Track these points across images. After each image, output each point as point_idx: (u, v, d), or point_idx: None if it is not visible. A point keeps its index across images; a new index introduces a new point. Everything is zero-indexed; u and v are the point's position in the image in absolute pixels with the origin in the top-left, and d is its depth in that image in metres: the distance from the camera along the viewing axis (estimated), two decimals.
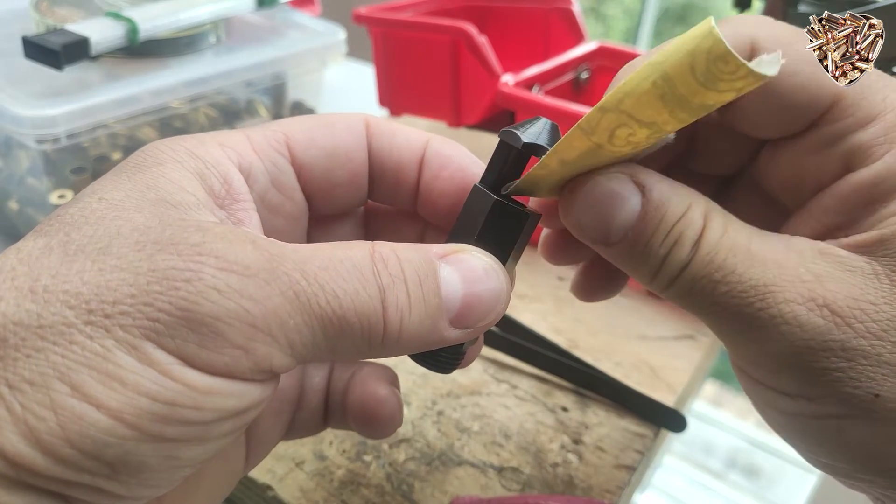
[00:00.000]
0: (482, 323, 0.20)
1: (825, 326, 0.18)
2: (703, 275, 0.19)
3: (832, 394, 0.18)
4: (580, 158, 0.19)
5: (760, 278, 0.18)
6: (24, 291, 0.15)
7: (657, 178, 0.20)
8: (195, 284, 0.16)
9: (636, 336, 0.43)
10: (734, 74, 0.14)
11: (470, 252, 0.20)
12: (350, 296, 0.17)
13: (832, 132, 0.20)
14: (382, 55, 0.60)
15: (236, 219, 0.20)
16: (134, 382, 0.15)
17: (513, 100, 0.46)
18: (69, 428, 0.14)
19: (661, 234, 0.19)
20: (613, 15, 2.25)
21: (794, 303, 0.18)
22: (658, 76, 0.15)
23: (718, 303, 0.19)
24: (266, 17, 0.60)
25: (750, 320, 0.19)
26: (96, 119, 0.43)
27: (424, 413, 0.36)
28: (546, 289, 0.47)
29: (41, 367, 0.15)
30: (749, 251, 0.19)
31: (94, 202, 0.17)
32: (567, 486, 0.33)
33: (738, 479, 1.45)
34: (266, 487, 0.32)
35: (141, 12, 0.47)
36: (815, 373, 0.18)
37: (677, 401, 0.38)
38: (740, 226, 0.20)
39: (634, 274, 0.21)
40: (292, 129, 0.22)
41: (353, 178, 0.23)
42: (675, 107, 0.16)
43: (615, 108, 0.17)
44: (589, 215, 0.20)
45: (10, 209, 0.48)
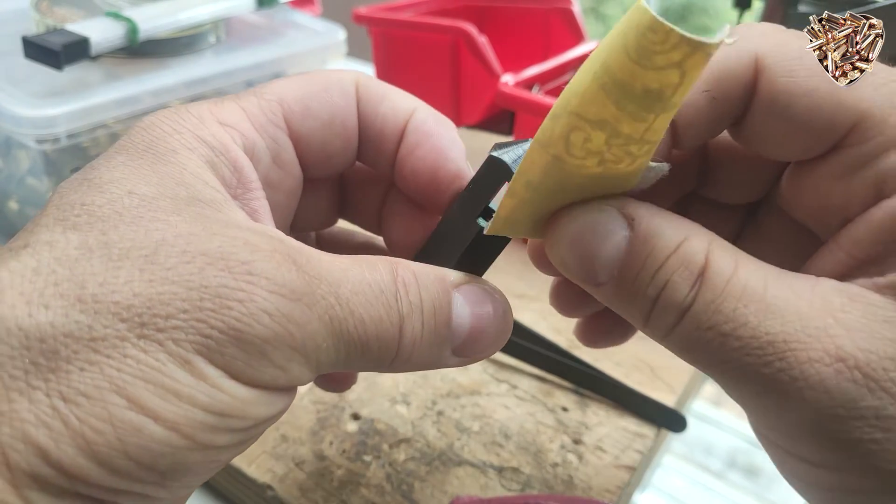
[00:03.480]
0: (481, 355, 0.20)
1: (856, 391, 0.15)
2: (709, 326, 0.17)
3: (863, 467, 0.16)
4: (545, 178, 0.17)
5: (779, 332, 0.16)
6: (71, 300, 0.15)
7: (649, 210, 0.18)
8: (248, 306, 0.16)
9: (636, 336, 0.43)
10: (665, 44, 0.13)
11: (483, 286, 0.20)
12: (375, 323, 0.18)
13: (859, 154, 0.18)
14: (382, 55, 0.60)
15: (251, 208, 0.20)
16: (188, 395, 0.15)
17: (513, 100, 0.46)
18: (127, 440, 0.15)
19: (650, 271, 0.17)
20: (613, 15, 2.25)
21: (820, 363, 0.16)
22: (597, 66, 0.15)
23: (729, 360, 0.17)
24: (266, 17, 0.60)
25: (767, 382, 0.16)
26: (96, 119, 0.43)
27: (424, 413, 0.36)
28: (546, 289, 0.47)
29: (96, 381, 0.15)
30: (764, 298, 0.16)
31: (125, 196, 0.17)
32: (567, 486, 0.33)
33: (738, 479, 1.44)
34: (266, 487, 0.32)
35: (141, 12, 0.47)
36: (844, 444, 0.16)
37: (677, 401, 0.38)
38: (754, 266, 0.17)
39: (628, 318, 0.19)
40: (287, 96, 0.22)
41: (346, 144, 0.23)
42: (620, 97, 0.15)
43: (564, 111, 0.16)
44: (571, 252, 0.18)
45: (10, 209, 0.48)
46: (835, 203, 0.19)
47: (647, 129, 0.15)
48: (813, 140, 0.18)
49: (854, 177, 0.18)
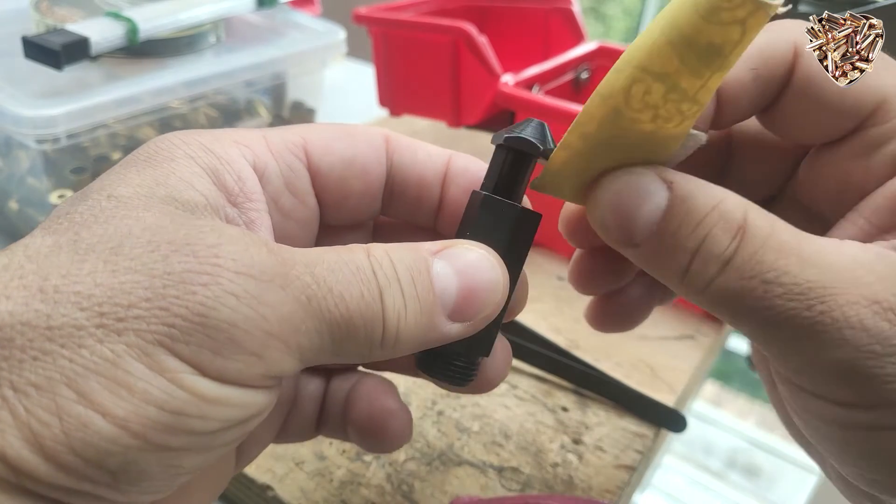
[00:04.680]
0: (482, 314, 0.19)
1: (891, 330, 0.17)
2: (753, 275, 0.18)
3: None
4: (600, 131, 0.18)
5: (819, 280, 0.17)
6: (32, 291, 0.15)
7: (686, 177, 0.19)
8: (212, 289, 0.15)
9: (636, 336, 0.43)
10: (733, 1, 0.15)
11: (462, 245, 0.20)
12: (356, 299, 0.17)
13: (879, 134, 0.20)
14: (382, 55, 0.60)
15: (248, 218, 0.20)
16: (142, 390, 0.15)
17: (513, 100, 0.46)
18: (73, 435, 0.14)
19: (690, 226, 0.18)
20: (613, 15, 2.25)
21: (858, 305, 0.17)
22: (665, 23, 0.16)
23: (772, 307, 0.18)
24: (266, 17, 0.60)
25: (808, 325, 0.17)
26: (96, 119, 0.43)
27: (424, 413, 0.36)
28: (546, 289, 0.47)
29: (48, 371, 0.14)
30: (801, 252, 0.18)
31: (104, 200, 0.17)
32: (567, 486, 0.33)
33: (738, 479, 1.45)
34: (266, 487, 0.32)
35: (141, 12, 0.47)
36: (878, 380, 0.17)
37: (677, 401, 0.38)
38: (787, 226, 0.19)
39: (664, 278, 0.20)
40: (311, 135, 0.22)
41: (367, 189, 0.23)
42: (684, 50, 0.16)
43: (628, 65, 0.17)
44: (612, 213, 0.19)
45: (10, 209, 0.48)
46: (853, 181, 0.21)
47: (702, 87, 0.17)
48: (840, 121, 0.20)
49: (874, 154, 0.20)
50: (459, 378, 0.21)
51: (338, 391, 0.25)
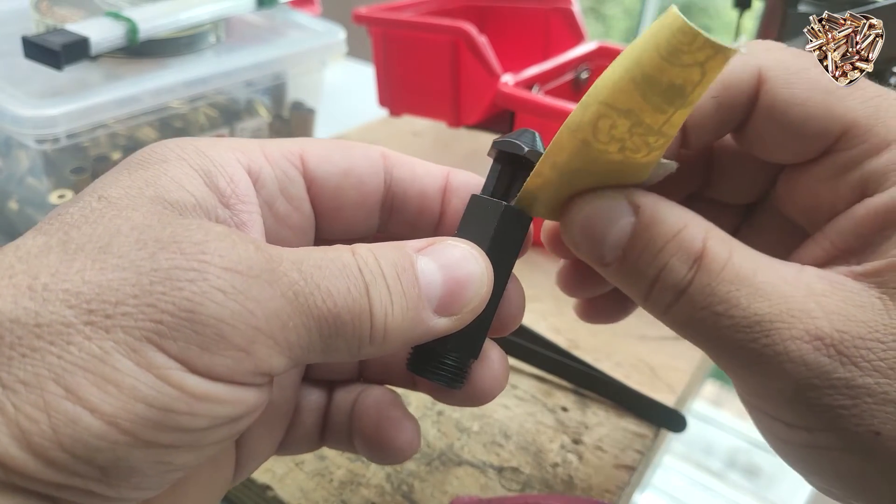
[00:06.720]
0: (468, 308, 0.20)
1: (830, 365, 0.18)
2: (704, 306, 0.19)
3: (833, 429, 0.18)
4: (570, 161, 0.19)
5: (767, 313, 0.18)
6: (22, 289, 0.15)
7: (654, 200, 0.20)
8: (199, 285, 0.15)
9: (636, 336, 0.43)
10: (692, 45, 0.15)
11: (446, 241, 0.20)
12: (343, 294, 0.17)
13: (846, 159, 0.20)
14: (382, 55, 0.60)
15: (240, 220, 0.20)
16: (130, 387, 0.15)
17: (513, 100, 0.46)
18: (62, 431, 0.14)
19: (651, 254, 0.19)
20: (613, 15, 2.25)
21: (801, 340, 0.18)
22: (629, 62, 0.17)
23: (721, 336, 0.19)
24: (266, 17, 0.60)
25: (754, 356, 0.18)
26: (96, 119, 0.43)
27: (424, 413, 0.36)
28: (546, 289, 0.47)
29: (36, 368, 0.14)
30: (754, 282, 0.18)
31: (94, 201, 0.17)
32: (567, 486, 0.33)
33: (738, 479, 1.44)
34: (266, 487, 0.32)
35: (141, 12, 0.47)
36: (817, 409, 0.18)
37: (677, 401, 0.38)
38: (746, 253, 0.19)
39: (630, 295, 0.21)
40: (308, 145, 0.22)
41: (364, 200, 0.23)
42: (647, 89, 0.17)
43: (594, 100, 0.17)
44: (582, 235, 0.20)
45: (10, 209, 0.48)
46: (824, 201, 0.21)
47: (666, 122, 0.17)
48: (806, 145, 0.21)
49: (841, 178, 0.20)
50: (450, 378, 0.22)
51: (342, 403, 0.25)
